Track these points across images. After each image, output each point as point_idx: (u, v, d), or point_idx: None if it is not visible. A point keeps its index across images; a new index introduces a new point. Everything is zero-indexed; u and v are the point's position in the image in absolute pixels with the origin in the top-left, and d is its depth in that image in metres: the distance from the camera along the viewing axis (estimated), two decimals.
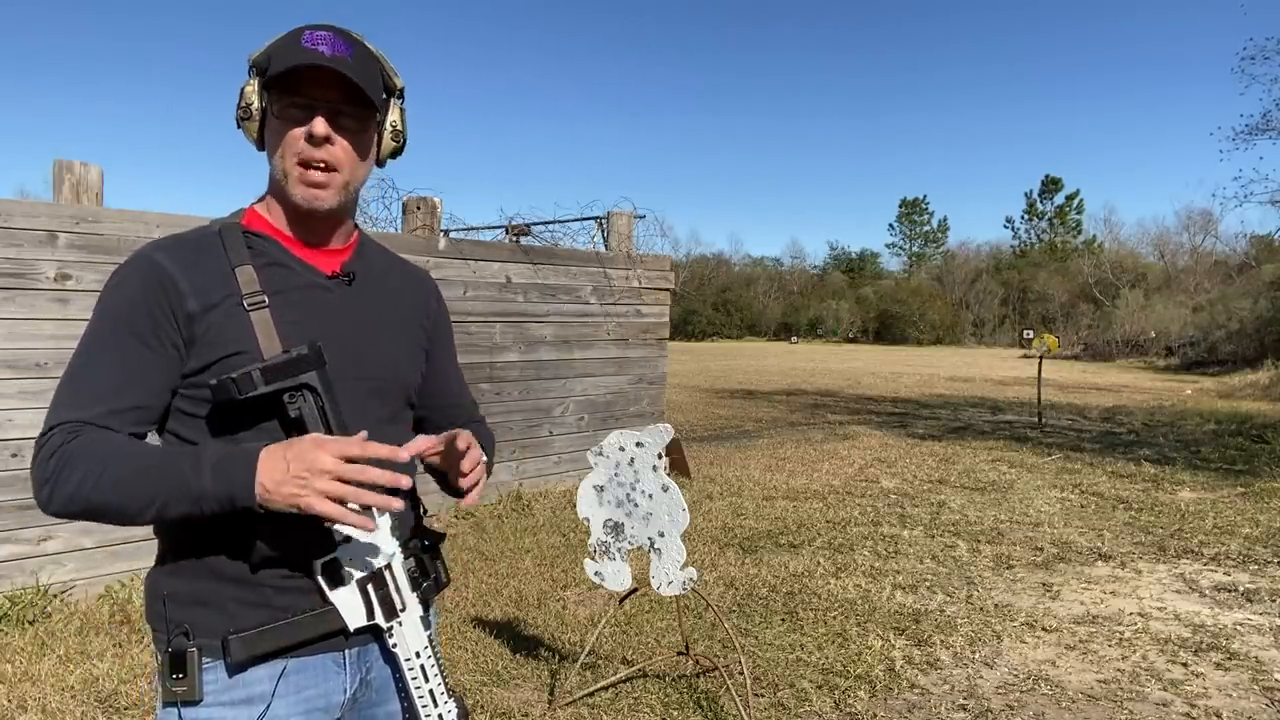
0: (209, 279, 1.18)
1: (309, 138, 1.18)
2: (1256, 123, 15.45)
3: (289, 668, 1.20)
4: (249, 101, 1.21)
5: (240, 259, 1.20)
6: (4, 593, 4.03)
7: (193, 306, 1.16)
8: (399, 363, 1.34)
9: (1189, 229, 51.08)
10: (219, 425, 1.18)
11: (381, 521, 1.19)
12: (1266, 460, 8.58)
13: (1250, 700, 3.40)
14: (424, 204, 6.24)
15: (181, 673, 1.15)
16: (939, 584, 4.77)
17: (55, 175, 4.47)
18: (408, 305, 1.39)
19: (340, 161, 1.21)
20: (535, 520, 5.92)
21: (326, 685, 1.23)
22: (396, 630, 1.22)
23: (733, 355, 33.15)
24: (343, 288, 1.28)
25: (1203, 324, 29.30)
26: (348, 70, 1.17)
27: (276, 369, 1.13)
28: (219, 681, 1.16)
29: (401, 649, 1.23)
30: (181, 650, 1.15)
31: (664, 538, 2.96)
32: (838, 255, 73.15)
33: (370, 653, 1.27)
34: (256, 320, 1.18)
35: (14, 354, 4.11)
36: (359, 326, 1.28)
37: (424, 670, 1.24)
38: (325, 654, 1.22)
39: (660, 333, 7.73)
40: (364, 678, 1.28)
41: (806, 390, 17.45)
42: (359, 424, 1.19)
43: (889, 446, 9.71)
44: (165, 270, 1.17)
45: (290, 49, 1.18)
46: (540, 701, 3.29)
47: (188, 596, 1.18)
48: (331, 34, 1.20)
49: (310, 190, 1.20)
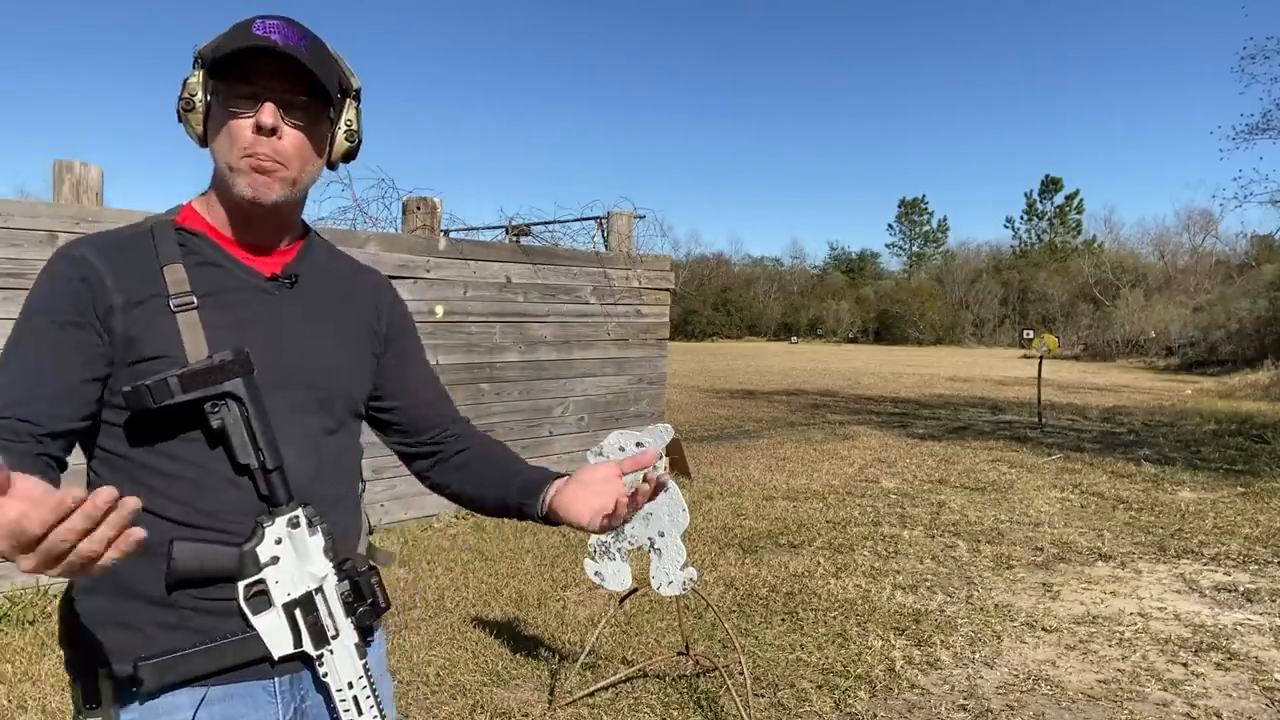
0: (135, 275, 1.10)
1: (257, 128, 1.10)
2: (1256, 122, 15.46)
3: (210, 695, 1.10)
4: (192, 93, 1.13)
5: (170, 257, 1.12)
6: (4, 593, 4.04)
7: (116, 300, 1.08)
8: (342, 371, 1.24)
9: (1189, 229, 51.16)
10: (138, 436, 1.09)
11: (315, 541, 1.11)
12: (1266, 460, 8.58)
13: (1250, 700, 3.40)
14: (424, 204, 6.25)
15: (95, 703, 1.07)
16: (939, 584, 4.77)
17: (55, 175, 4.47)
18: (356, 309, 1.29)
19: (288, 156, 1.12)
20: None
21: (257, 715, 1.13)
22: (327, 658, 1.13)
23: (733, 355, 33.15)
24: (283, 291, 1.19)
25: (1203, 324, 29.28)
26: (301, 57, 1.09)
27: (196, 376, 1.05)
28: (135, 710, 1.07)
29: (332, 679, 1.13)
30: (94, 679, 1.07)
31: (664, 538, 2.96)
32: (838, 255, 73.21)
33: (304, 680, 1.17)
34: (183, 322, 1.09)
35: None
36: (299, 332, 1.19)
37: (355, 702, 1.13)
38: (252, 681, 1.12)
39: (660, 333, 7.73)
40: (298, 706, 1.17)
41: (806, 390, 17.45)
42: (296, 435, 1.13)
43: (889, 447, 9.71)
44: (90, 264, 1.09)
45: (240, 37, 1.09)
46: (540, 701, 3.29)
47: (104, 617, 1.09)
48: (285, 23, 1.12)
49: (255, 179, 1.11)
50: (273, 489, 1.10)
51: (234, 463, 1.09)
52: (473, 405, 6.19)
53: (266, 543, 1.09)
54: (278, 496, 1.10)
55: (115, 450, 1.11)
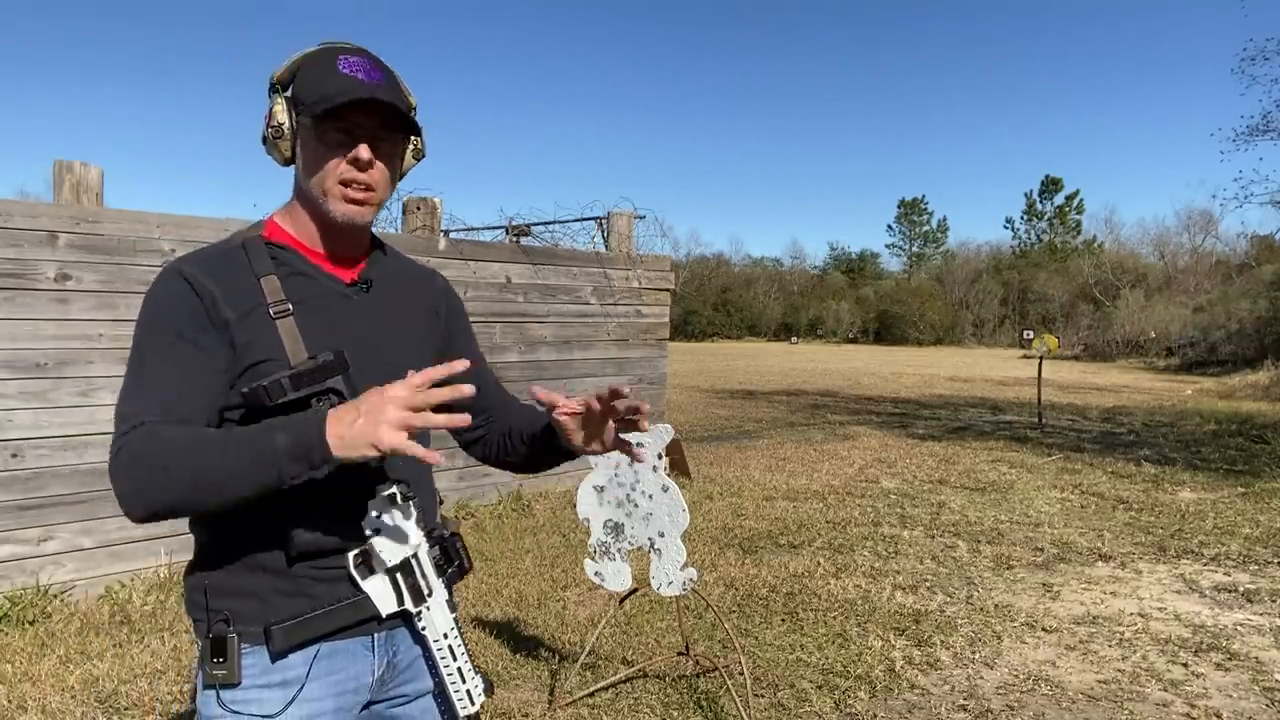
0: (238, 289, 1.23)
1: (354, 162, 1.24)
2: (1257, 123, 15.43)
3: (321, 651, 1.26)
4: (280, 121, 1.25)
5: (264, 269, 1.26)
6: (4, 593, 4.03)
7: (228, 314, 1.20)
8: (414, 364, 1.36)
9: (1189, 229, 51.13)
10: None
11: (410, 513, 1.25)
12: (1266, 460, 8.57)
13: (1250, 700, 3.40)
14: (424, 204, 6.25)
15: (222, 657, 1.21)
16: (939, 584, 4.77)
17: (55, 175, 4.47)
18: (421, 307, 1.45)
19: (379, 183, 1.27)
20: (535, 521, 5.92)
21: (356, 668, 1.30)
22: (425, 614, 1.29)
23: (733, 355, 33.15)
24: (361, 295, 1.34)
25: (1203, 324, 29.27)
26: (390, 99, 1.23)
27: (305, 375, 1.17)
28: (256, 665, 1.23)
29: (430, 631, 1.30)
30: (221, 636, 1.21)
31: (664, 538, 2.96)
32: (838, 255, 73.17)
33: (397, 636, 1.34)
34: (282, 328, 1.23)
35: (14, 354, 4.11)
36: (376, 331, 1.34)
37: (451, 650, 1.31)
38: (356, 638, 1.29)
39: (660, 333, 7.73)
40: (391, 660, 1.34)
41: (806, 390, 17.45)
42: None
43: (889, 447, 9.71)
44: (198, 280, 1.21)
45: (326, 74, 1.23)
46: (540, 702, 3.29)
47: (228, 587, 1.24)
48: (364, 59, 1.26)
49: (351, 208, 1.26)
50: (371, 470, 1.22)
51: None
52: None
53: (369, 517, 1.24)
54: (376, 476, 1.23)
55: None
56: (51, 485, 4.22)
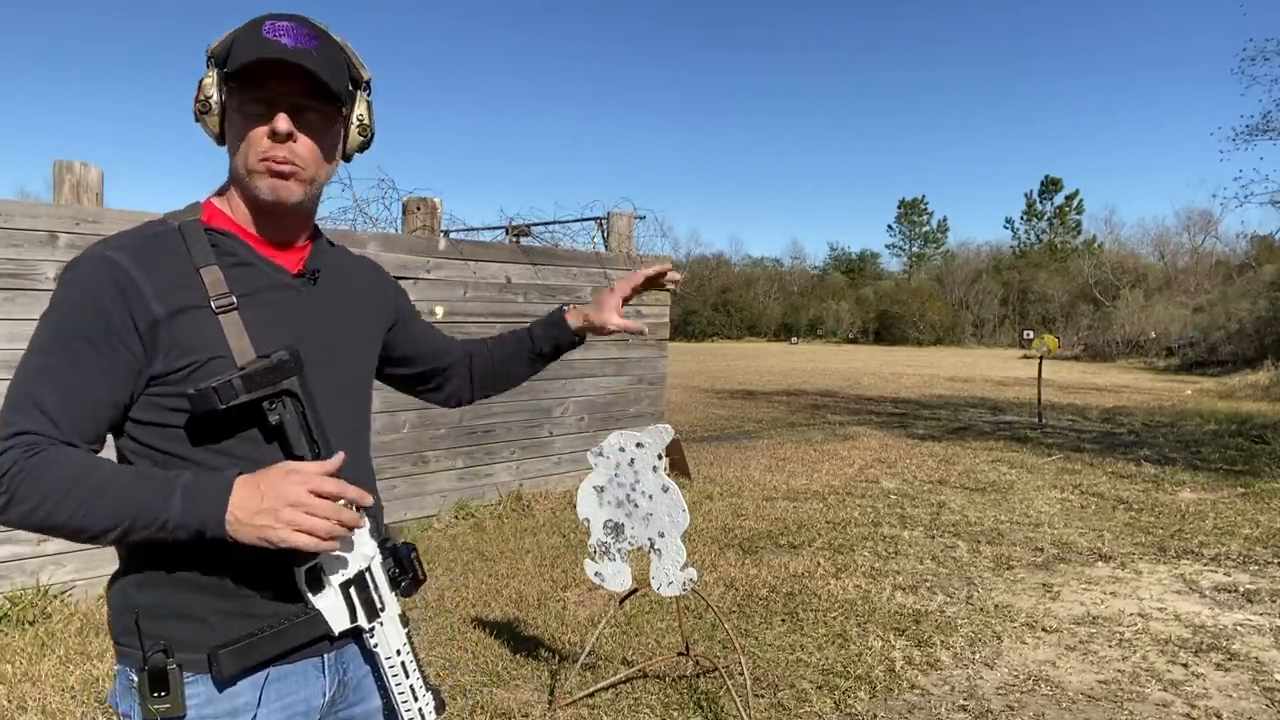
0: (173, 280, 1.13)
1: (272, 134, 1.14)
2: (1257, 123, 15.44)
3: (271, 675, 1.18)
4: (208, 95, 1.16)
5: (205, 259, 1.15)
6: (4, 593, 4.03)
7: (158, 311, 1.10)
8: (364, 357, 1.37)
9: (1189, 229, 51.16)
10: (197, 435, 1.14)
11: (363, 524, 1.19)
12: (1266, 461, 8.57)
13: (1250, 701, 3.40)
14: (424, 204, 6.24)
15: (164, 690, 1.11)
16: (939, 585, 4.77)
17: (55, 175, 4.47)
18: (367, 298, 1.40)
19: (304, 160, 1.17)
20: (535, 521, 5.92)
21: (307, 690, 1.23)
22: (378, 630, 1.22)
23: (733, 356, 33.15)
24: (308, 287, 1.25)
25: (1203, 324, 29.28)
26: (310, 63, 1.12)
27: (257, 376, 1.10)
28: (200, 695, 1.14)
29: (383, 648, 1.23)
30: (161, 667, 1.12)
31: (664, 538, 2.96)
32: (838, 256, 73.22)
33: (346, 655, 1.27)
34: (226, 323, 1.13)
35: (14, 354, 4.09)
36: (326, 325, 1.26)
37: (404, 667, 1.25)
38: (306, 659, 1.22)
39: (660, 333, 7.73)
40: (341, 680, 1.28)
41: (806, 391, 17.45)
42: (334, 422, 1.20)
43: (889, 447, 9.70)
44: (125, 272, 1.10)
45: (251, 40, 1.12)
46: (540, 702, 3.28)
47: (163, 610, 1.14)
48: (294, 24, 1.14)
49: (274, 181, 1.16)
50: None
51: (288, 455, 1.15)
52: (472, 405, 6.18)
53: None
54: None
55: (171, 450, 1.15)
56: None
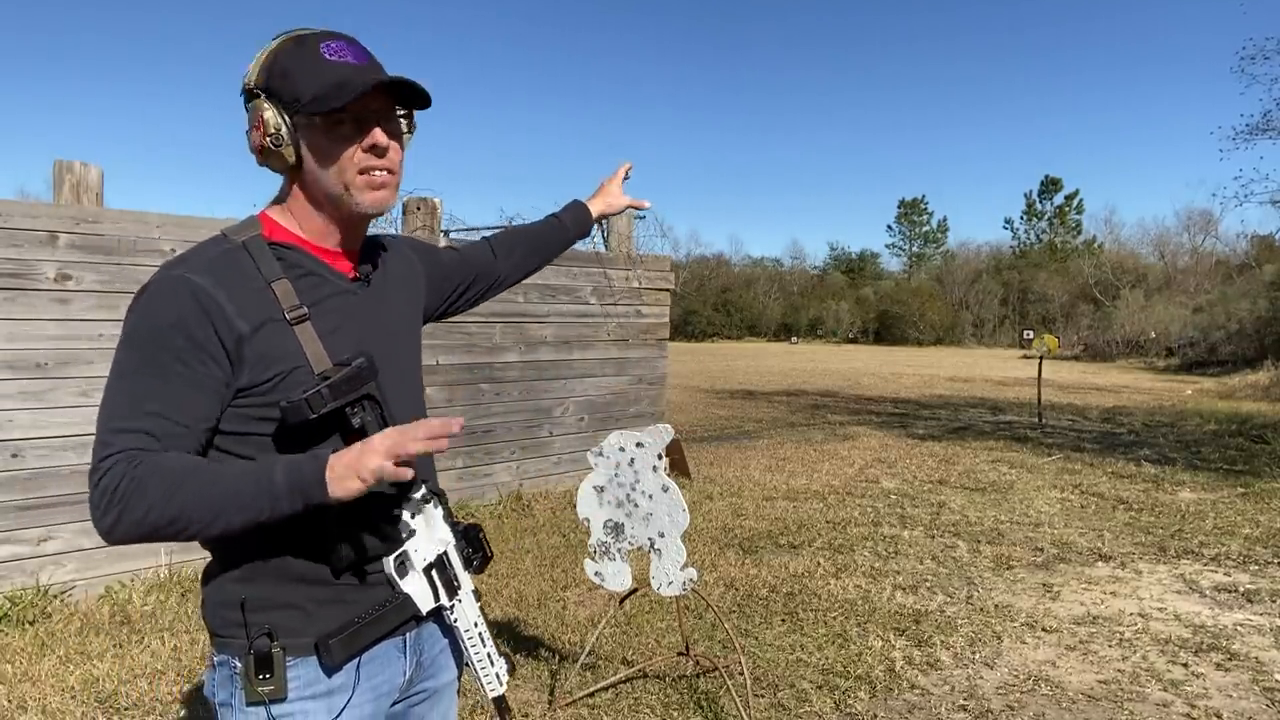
0: (249, 297, 1.17)
1: (373, 149, 1.21)
2: (1257, 123, 15.44)
3: (363, 658, 1.27)
4: (276, 128, 1.18)
5: (274, 273, 1.20)
6: (4, 593, 4.04)
7: (242, 327, 1.15)
8: (415, 349, 1.45)
9: (1189, 229, 51.11)
10: (284, 441, 1.19)
11: (437, 512, 1.30)
12: (1266, 460, 8.57)
13: (1250, 701, 3.40)
14: (424, 204, 6.24)
15: (269, 672, 1.20)
16: (939, 584, 4.77)
17: (55, 175, 4.47)
18: (405, 285, 1.46)
19: (396, 165, 1.26)
20: (535, 520, 5.92)
21: (391, 670, 1.32)
22: (457, 606, 1.34)
23: (733, 355, 33.15)
24: (363, 289, 1.32)
25: (1203, 324, 29.26)
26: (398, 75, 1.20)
27: (343, 384, 1.16)
28: (302, 678, 1.22)
29: (462, 621, 1.35)
30: (266, 651, 1.20)
31: (664, 538, 2.96)
32: (838, 255, 73.14)
33: (422, 635, 1.37)
34: (301, 333, 1.19)
35: (14, 354, 4.11)
36: (382, 325, 1.34)
37: (481, 637, 1.37)
38: (389, 641, 1.30)
39: (660, 333, 7.73)
40: (419, 659, 1.37)
41: (806, 391, 17.45)
42: (401, 417, 1.24)
43: (889, 447, 9.71)
44: (205, 291, 1.14)
45: (316, 66, 1.17)
46: (540, 702, 3.29)
47: (265, 600, 1.22)
48: (345, 41, 1.21)
49: (379, 194, 1.24)
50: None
51: None
52: (472, 405, 6.19)
53: (404, 520, 1.26)
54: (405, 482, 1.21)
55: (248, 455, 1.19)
56: (51, 485, 4.22)
